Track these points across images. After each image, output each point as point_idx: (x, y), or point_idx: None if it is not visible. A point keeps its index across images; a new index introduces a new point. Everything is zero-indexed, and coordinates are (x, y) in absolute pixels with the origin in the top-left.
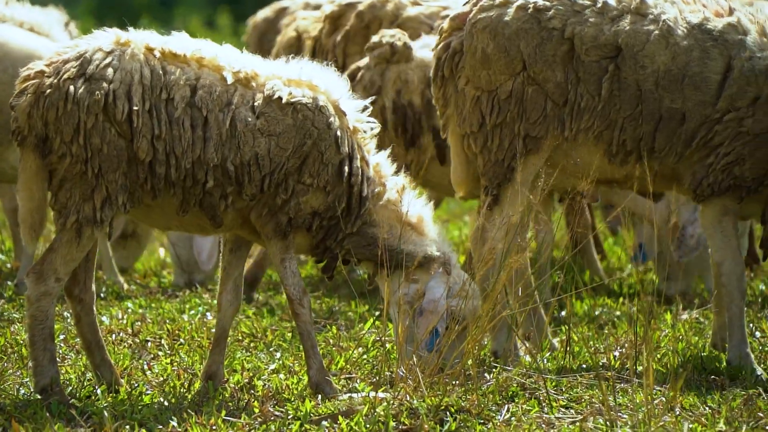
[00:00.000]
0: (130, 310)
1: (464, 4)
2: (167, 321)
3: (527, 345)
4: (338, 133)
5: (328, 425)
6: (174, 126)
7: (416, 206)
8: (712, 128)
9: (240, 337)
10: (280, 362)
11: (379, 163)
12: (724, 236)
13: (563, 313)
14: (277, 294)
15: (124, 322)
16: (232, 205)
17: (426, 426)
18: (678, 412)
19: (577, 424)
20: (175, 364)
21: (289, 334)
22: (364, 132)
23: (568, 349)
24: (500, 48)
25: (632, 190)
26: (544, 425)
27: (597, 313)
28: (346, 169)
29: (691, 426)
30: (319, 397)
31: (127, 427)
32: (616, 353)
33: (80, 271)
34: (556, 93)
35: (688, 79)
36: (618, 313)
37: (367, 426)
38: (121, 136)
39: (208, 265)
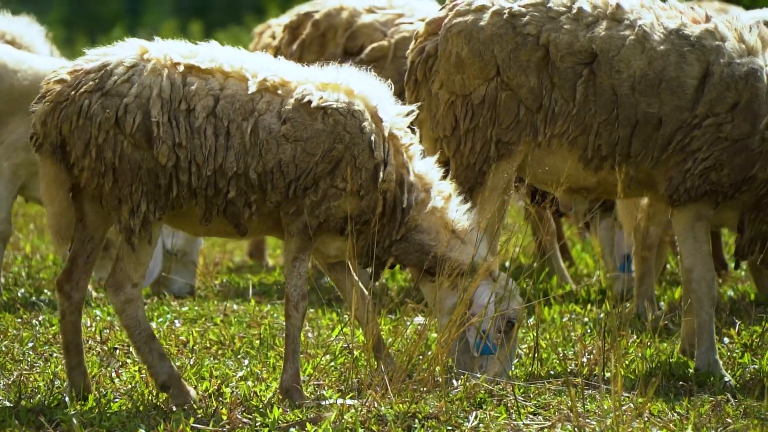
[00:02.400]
0: (98, 318)
1: (440, 9)
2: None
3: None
4: (372, 138)
5: None
6: (195, 135)
7: (461, 213)
8: (690, 133)
9: (208, 345)
10: (248, 369)
11: (424, 170)
12: (696, 242)
13: (531, 320)
14: (244, 301)
15: (93, 329)
16: (257, 212)
17: None
18: (646, 419)
19: (545, 430)
20: (144, 371)
21: (257, 342)
22: (411, 138)
23: (536, 355)
24: (474, 52)
25: (602, 198)
26: None
27: (565, 319)
28: (381, 174)
29: None
30: (287, 404)
31: None
32: (584, 359)
33: (76, 270)
34: (529, 98)
35: (664, 84)
36: (586, 319)
37: None
38: (137, 148)
39: (149, 279)
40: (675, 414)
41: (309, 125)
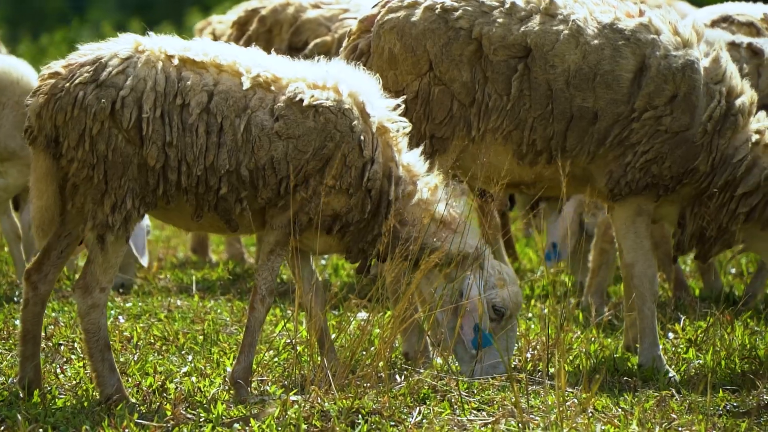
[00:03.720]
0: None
1: (373, 7)
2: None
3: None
4: (362, 137)
5: (239, 428)
6: (187, 133)
7: (450, 203)
8: (628, 126)
9: (152, 340)
10: (192, 365)
11: (411, 162)
12: (637, 237)
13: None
14: (188, 297)
15: None
16: (248, 208)
17: (337, 428)
18: (590, 414)
19: (489, 426)
20: (88, 367)
21: (201, 337)
22: (397, 131)
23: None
24: (407, 48)
25: (541, 193)
26: (455, 427)
27: None
28: (367, 173)
29: (603, 428)
30: (231, 399)
31: (41, 430)
32: (528, 355)
33: (48, 263)
34: (462, 93)
35: (599, 78)
36: (530, 315)
37: (279, 428)
38: (130, 143)
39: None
40: (619, 409)
41: (301, 123)
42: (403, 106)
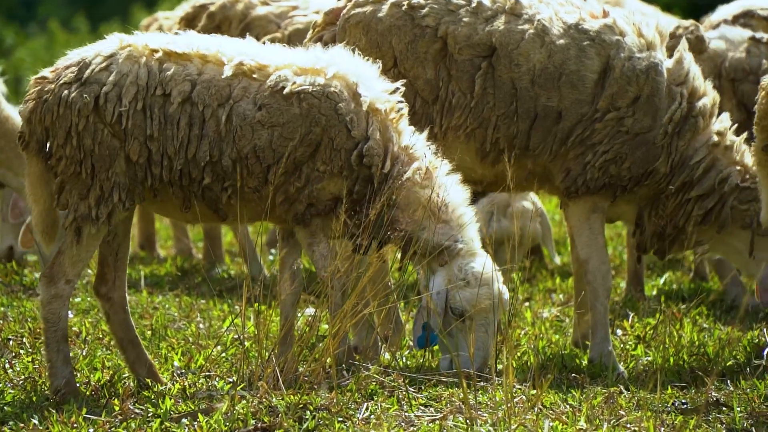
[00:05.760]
0: None
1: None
2: (29, 320)
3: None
4: (349, 118)
5: (188, 423)
6: (168, 125)
7: (444, 191)
8: (590, 126)
9: (100, 335)
10: None
11: (411, 144)
12: (592, 233)
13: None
14: (136, 292)
15: None
16: (235, 196)
17: (285, 424)
18: (538, 411)
19: (437, 422)
20: (37, 362)
21: (149, 332)
22: (397, 112)
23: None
24: (372, 43)
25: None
26: (403, 423)
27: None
28: (359, 150)
29: (551, 424)
30: (179, 395)
31: None
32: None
33: (109, 270)
34: (425, 90)
35: (564, 78)
36: None
37: (227, 424)
38: (115, 137)
39: None
40: (567, 406)
41: (285, 110)
42: (402, 89)
